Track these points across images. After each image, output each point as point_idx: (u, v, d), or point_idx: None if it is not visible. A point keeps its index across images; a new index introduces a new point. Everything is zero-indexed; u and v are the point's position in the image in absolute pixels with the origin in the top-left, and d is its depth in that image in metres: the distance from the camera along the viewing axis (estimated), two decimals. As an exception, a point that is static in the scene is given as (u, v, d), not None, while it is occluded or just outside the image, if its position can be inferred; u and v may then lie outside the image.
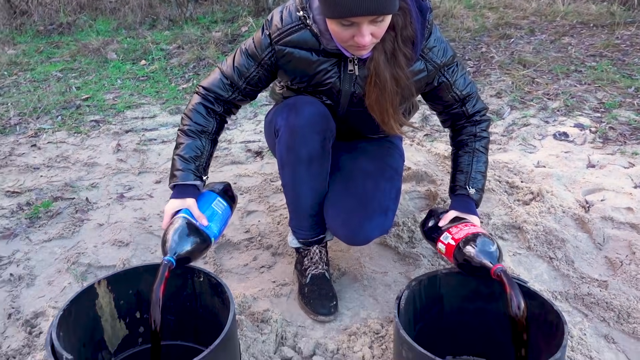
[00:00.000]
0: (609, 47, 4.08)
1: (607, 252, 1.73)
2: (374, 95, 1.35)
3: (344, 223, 1.46)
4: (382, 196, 1.49)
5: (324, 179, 1.51)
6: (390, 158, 1.63)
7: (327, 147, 1.47)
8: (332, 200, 1.52)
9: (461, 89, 1.47)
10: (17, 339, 1.43)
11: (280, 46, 1.39)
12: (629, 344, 1.40)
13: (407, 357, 1.10)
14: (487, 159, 1.54)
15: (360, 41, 1.23)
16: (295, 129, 1.42)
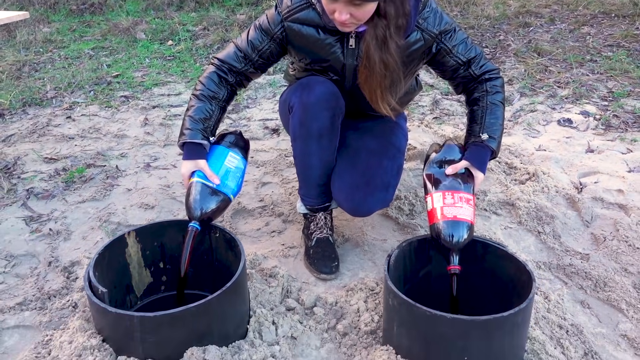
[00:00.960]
0: (628, 38, 4.10)
1: (594, 229, 1.85)
2: (364, 75, 1.47)
3: (348, 197, 1.61)
4: (384, 173, 1.63)
5: (332, 152, 1.66)
6: (394, 137, 1.77)
7: (336, 124, 1.61)
8: (338, 175, 1.66)
9: (463, 53, 1.54)
10: (57, 282, 1.64)
11: (290, 22, 1.52)
12: (602, 310, 1.54)
13: (393, 304, 1.26)
14: (503, 112, 1.55)
15: (337, 18, 1.35)
16: (307, 106, 1.56)
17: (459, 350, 1.18)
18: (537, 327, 1.42)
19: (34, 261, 1.77)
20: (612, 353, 1.39)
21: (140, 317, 1.20)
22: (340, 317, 1.50)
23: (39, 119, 2.87)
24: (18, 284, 1.65)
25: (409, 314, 1.22)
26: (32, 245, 1.84)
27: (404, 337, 1.27)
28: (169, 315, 1.20)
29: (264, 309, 1.46)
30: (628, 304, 1.54)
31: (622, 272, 1.65)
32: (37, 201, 2.11)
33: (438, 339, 1.20)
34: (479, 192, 2.03)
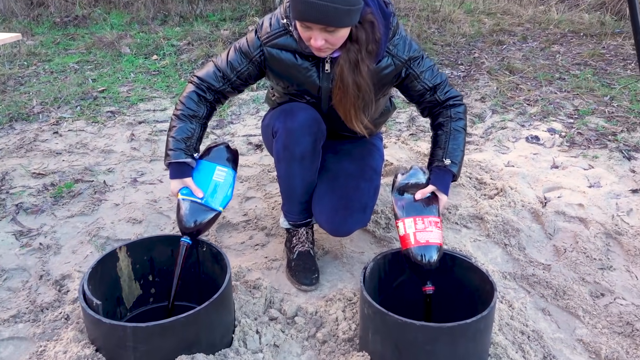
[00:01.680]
0: (595, 57, 4.32)
1: (556, 241, 1.99)
2: (338, 96, 1.58)
3: (328, 219, 1.72)
4: (362, 195, 1.74)
5: (314, 173, 1.76)
6: (371, 158, 1.88)
7: (317, 147, 1.72)
8: (318, 199, 1.77)
9: (430, 79, 1.66)
10: (48, 295, 1.71)
11: (269, 47, 1.62)
12: (561, 316, 1.67)
13: (368, 313, 1.37)
14: (464, 138, 1.66)
15: (313, 44, 1.46)
16: (290, 131, 1.66)
17: (428, 354, 1.29)
18: (501, 333, 1.54)
19: (25, 275, 1.84)
20: (569, 356, 1.52)
21: (132, 327, 1.28)
22: (319, 326, 1.60)
23: (26, 134, 2.93)
24: (10, 297, 1.72)
25: (383, 322, 1.33)
26: (23, 260, 1.91)
27: (378, 343, 1.38)
28: (159, 326, 1.29)
29: (248, 319, 1.55)
30: (584, 311, 1.67)
31: (580, 282, 1.79)
32: (27, 216, 2.18)
33: (408, 344, 1.31)
34: (450, 207, 2.16)
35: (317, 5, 1.36)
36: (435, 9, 5.92)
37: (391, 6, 1.57)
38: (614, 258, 1.91)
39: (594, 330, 1.60)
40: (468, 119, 3.12)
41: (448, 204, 2.17)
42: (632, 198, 2.25)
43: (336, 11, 1.37)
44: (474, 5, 6.31)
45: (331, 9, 1.36)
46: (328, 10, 1.36)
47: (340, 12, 1.38)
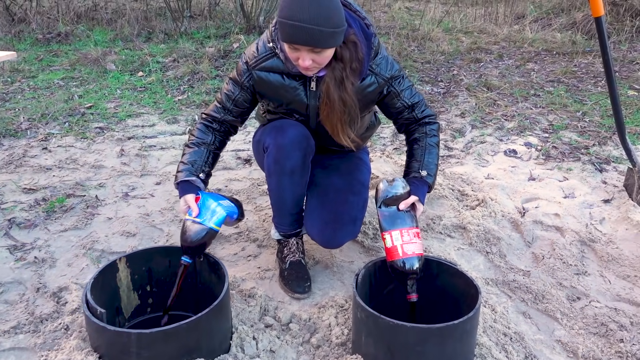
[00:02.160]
0: (567, 74, 4.51)
1: (534, 249, 2.10)
2: (325, 112, 1.67)
3: (319, 232, 1.80)
4: (351, 209, 1.82)
5: (303, 186, 1.84)
6: (358, 172, 1.96)
7: (307, 162, 1.80)
8: (309, 213, 1.85)
9: (409, 98, 1.77)
10: (47, 307, 1.74)
11: (257, 71, 1.71)
12: (541, 319, 1.77)
13: (361, 317, 1.45)
14: (438, 152, 1.77)
15: (301, 64, 1.55)
16: (281, 147, 1.73)
17: (418, 355, 1.37)
18: (485, 334, 1.62)
19: (21, 288, 1.86)
20: (549, 356, 1.61)
21: (137, 333, 1.33)
22: (313, 331, 1.67)
23: (15, 150, 2.95)
24: (8, 310, 1.74)
25: (375, 325, 1.40)
26: (19, 273, 1.93)
27: (370, 346, 1.45)
28: (163, 332, 1.35)
29: (245, 326, 1.61)
30: (562, 313, 1.77)
31: (557, 286, 1.90)
32: (20, 230, 2.21)
33: (400, 346, 1.39)
34: (435, 217, 2.26)
35: (305, 29, 1.45)
36: (415, 28, 6.11)
37: (372, 27, 1.68)
38: (588, 264, 2.03)
39: (572, 331, 1.70)
40: (449, 134, 3.25)
41: (432, 214, 2.27)
42: (604, 208, 2.38)
43: (322, 33, 1.46)
44: (452, 24, 6.53)
45: (317, 32, 1.45)
46: (314, 33, 1.45)
47: (325, 34, 1.47)
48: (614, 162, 2.83)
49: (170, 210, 2.38)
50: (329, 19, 1.45)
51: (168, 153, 2.96)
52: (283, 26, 1.48)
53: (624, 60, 4.82)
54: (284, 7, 1.47)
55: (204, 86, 4.12)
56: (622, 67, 4.64)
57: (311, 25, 1.44)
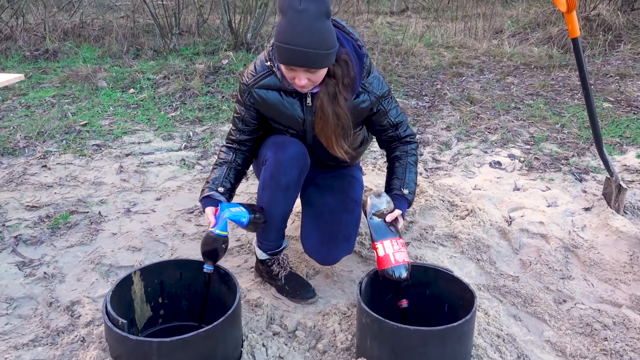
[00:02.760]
0: (545, 87, 4.71)
1: (522, 255, 2.23)
2: (320, 125, 1.77)
3: (316, 251, 1.92)
4: (345, 227, 1.93)
5: (292, 202, 1.92)
6: (352, 190, 2.06)
7: (301, 179, 1.89)
8: (305, 233, 1.96)
9: (394, 117, 1.89)
10: (62, 320, 1.81)
11: (256, 89, 1.81)
12: (530, 321, 1.89)
13: (366, 322, 1.55)
14: (417, 170, 1.91)
15: (297, 83, 1.66)
16: (280, 162, 1.82)
17: (421, 355, 1.48)
18: (480, 336, 1.74)
19: (33, 303, 1.93)
20: (539, 355, 1.73)
21: (158, 342, 1.42)
22: (319, 338, 1.77)
23: (14, 168, 3.00)
24: (23, 324, 1.81)
25: (380, 329, 1.51)
26: (29, 289, 1.99)
27: (375, 349, 1.55)
28: (182, 340, 1.43)
29: (254, 334, 1.70)
30: (550, 315, 1.90)
31: (544, 290, 2.02)
32: (26, 247, 2.26)
33: (403, 348, 1.49)
34: (427, 227, 2.38)
35: (302, 52, 1.56)
36: (398, 43, 6.29)
37: (364, 48, 1.80)
38: (572, 269, 2.16)
39: (559, 332, 1.83)
40: (436, 147, 3.39)
41: (425, 224, 2.40)
42: (585, 215, 2.53)
43: (317, 56, 1.58)
44: (433, 39, 6.73)
45: (313, 54, 1.57)
46: (310, 56, 1.57)
47: (320, 56, 1.59)
48: (593, 172, 3.00)
49: (172, 225, 2.46)
50: (322, 42, 1.57)
51: (166, 169, 3.03)
52: (281, 50, 1.59)
53: (599, 74, 5.04)
54: (281, 32, 1.57)
55: (196, 102, 4.21)
56: (597, 80, 4.86)
57: (307, 48, 1.55)
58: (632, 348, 1.74)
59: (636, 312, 1.92)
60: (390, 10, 9.56)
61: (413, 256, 2.18)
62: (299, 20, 1.53)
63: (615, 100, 4.30)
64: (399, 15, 9.25)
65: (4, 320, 1.82)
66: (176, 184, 2.85)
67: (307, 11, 1.52)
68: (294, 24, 1.53)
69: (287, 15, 1.55)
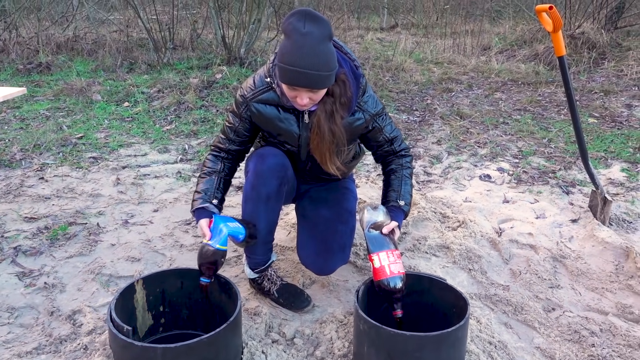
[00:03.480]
0: (532, 103, 4.84)
1: (512, 265, 2.30)
2: (316, 142, 1.83)
3: (312, 262, 1.97)
4: (340, 237, 1.98)
5: (276, 214, 1.96)
6: (345, 202, 2.11)
7: (282, 190, 1.92)
8: (301, 245, 2.01)
9: (389, 133, 1.96)
10: (64, 329, 1.84)
11: (254, 103, 1.86)
12: (521, 329, 1.95)
13: (363, 328, 1.60)
14: (412, 183, 1.96)
15: (300, 102, 1.71)
16: (259, 173, 1.87)
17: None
18: (473, 343, 1.80)
19: (34, 312, 1.95)
20: (530, 361, 1.79)
21: (162, 348, 1.45)
22: (316, 345, 1.81)
23: (12, 180, 3.03)
24: (25, 333, 1.83)
25: (377, 335, 1.56)
26: (30, 298, 2.02)
27: (372, 355, 1.60)
28: (186, 346, 1.47)
29: (254, 341, 1.75)
30: (540, 323, 1.96)
31: (534, 299, 2.09)
32: (26, 258, 2.29)
33: (400, 353, 1.54)
34: (420, 238, 2.44)
35: (306, 74, 1.62)
36: (388, 58, 6.42)
37: (360, 69, 1.87)
38: (560, 278, 2.24)
39: (549, 338, 1.89)
40: (427, 160, 3.47)
41: (418, 235, 2.46)
42: (572, 227, 2.62)
43: (320, 77, 1.64)
44: (423, 55, 6.88)
45: (316, 76, 1.63)
46: (314, 77, 1.63)
47: (323, 77, 1.65)
48: (579, 185, 3.09)
49: (170, 236, 2.50)
50: (325, 63, 1.63)
51: (163, 181, 3.08)
52: (284, 71, 1.64)
53: (583, 90, 5.19)
54: (286, 54, 1.63)
55: (191, 116, 4.26)
56: (582, 97, 5.00)
57: (311, 70, 1.61)
58: (619, 354, 1.81)
59: (622, 319, 1.99)
60: (380, 26, 9.73)
61: (407, 266, 2.24)
62: (303, 43, 1.58)
63: (600, 115, 4.43)
64: (389, 31, 9.43)
65: (6, 329, 1.84)
66: (173, 196, 2.90)
67: (311, 34, 1.58)
68: (299, 46, 1.59)
69: (291, 37, 1.60)
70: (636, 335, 1.88)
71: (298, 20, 1.60)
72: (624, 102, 4.79)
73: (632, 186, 3.07)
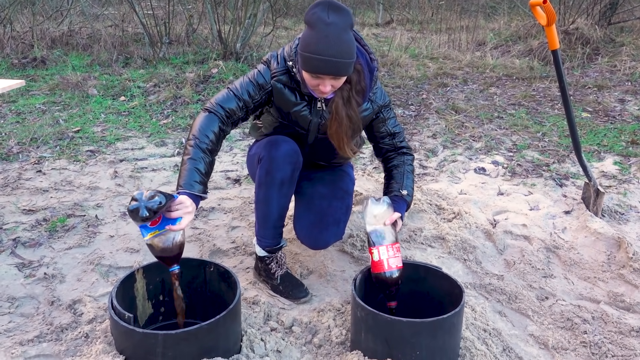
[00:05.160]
0: (527, 98, 4.88)
1: (506, 255, 2.34)
2: (334, 127, 1.87)
3: (307, 234, 2.01)
4: (335, 212, 2.03)
5: (289, 199, 2.01)
6: (341, 182, 2.16)
7: (295, 176, 1.98)
8: (297, 218, 2.05)
9: (392, 126, 2.01)
10: (64, 318, 1.86)
11: (275, 82, 1.89)
12: (515, 317, 1.99)
13: (361, 315, 1.63)
14: (414, 179, 2.01)
15: (322, 89, 1.76)
16: (274, 159, 1.91)
17: (413, 346, 1.56)
18: (468, 330, 1.83)
19: (35, 302, 1.97)
20: (523, 348, 1.83)
21: (163, 335, 1.48)
22: (314, 333, 1.84)
23: (9, 173, 3.03)
24: (26, 322, 1.85)
25: (374, 322, 1.59)
26: (30, 289, 2.04)
27: (370, 341, 1.63)
28: (186, 333, 1.50)
29: (253, 329, 1.77)
30: (533, 311, 2.00)
31: (528, 288, 2.13)
32: (25, 249, 2.30)
33: (397, 339, 1.57)
34: (416, 230, 2.48)
35: (331, 62, 1.67)
36: (384, 54, 6.44)
37: (375, 62, 1.91)
38: (553, 268, 2.27)
39: (542, 326, 1.93)
40: (423, 154, 3.51)
41: (414, 227, 2.49)
42: (565, 218, 2.66)
43: (344, 64, 1.70)
44: (418, 50, 6.90)
45: (341, 64, 1.69)
46: (339, 65, 1.69)
47: (347, 64, 1.71)
48: (572, 178, 3.13)
49: (168, 227, 2.51)
50: (348, 51, 1.69)
51: (160, 174, 3.09)
52: (309, 59, 1.69)
53: (577, 85, 5.23)
54: (311, 44, 1.67)
55: (188, 110, 4.27)
56: (576, 92, 5.04)
57: (337, 58, 1.67)
58: (610, 340, 1.85)
59: (614, 307, 2.03)
60: (376, 22, 9.75)
61: (403, 256, 2.27)
62: (328, 32, 1.65)
63: (593, 110, 4.47)
64: (384, 27, 9.44)
65: (7, 318, 1.86)
66: (170, 189, 2.91)
67: (335, 24, 1.65)
68: (324, 35, 1.65)
69: (316, 27, 1.66)
70: (627, 323, 1.92)
71: (322, 10, 1.66)
72: (617, 97, 4.83)
73: (625, 178, 3.12)
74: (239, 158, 3.39)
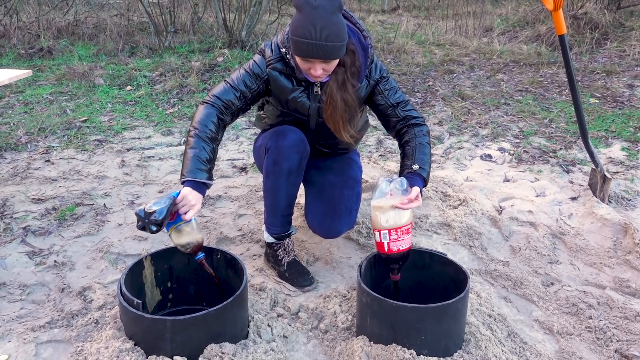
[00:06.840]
0: (534, 84, 4.84)
1: (511, 242, 2.34)
2: (329, 111, 1.87)
3: (320, 223, 2.01)
4: (346, 200, 2.03)
5: (297, 188, 2.03)
6: (350, 170, 2.17)
7: (302, 165, 1.99)
8: (308, 208, 2.06)
9: (393, 97, 1.92)
10: (75, 305, 1.89)
11: (270, 69, 1.89)
12: (520, 303, 2.00)
13: (366, 301, 1.65)
14: (430, 151, 1.86)
15: (314, 74, 1.76)
16: (281, 148, 1.93)
17: (418, 331, 1.58)
18: (473, 316, 1.84)
19: (45, 289, 2.00)
20: (528, 333, 1.84)
21: (172, 320, 1.51)
22: (321, 319, 1.86)
23: (18, 162, 3.06)
24: (38, 309, 1.88)
25: (380, 307, 1.61)
26: (41, 276, 2.07)
27: (375, 326, 1.65)
28: (194, 318, 1.52)
29: (259, 315, 1.79)
30: (538, 297, 2.01)
31: (533, 274, 2.13)
32: (35, 238, 2.34)
33: (402, 324, 1.59)
34: (421, 216, 2.48)
35: (320, 45, 1.67)
36: (390, 41, 6.40)
37: (369, 39, 1.89)
38: (559, 254, 2.28)
39: (547, 311, 1.94)
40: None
41: (420, 214, 2.50)
42: (571, 204, 2.65)
43: (333, 48, 1.69)
44: (424, 37, 6.85)
45: (330, 47, 1.68)
46: (328, 48, 1.68)
47: (336, 47, 1.70)
48: (579, 164, 3.12)
49: (175, 216, 2.54)
50: (337, 35, 1.68)
51: (167, 163, 3.11)
52: (298, 44, 1.69)
53: (585, 70, 5.18)
54: (299, 27, 1.67)
55: (194, 99, 4.28)
56: (584, 77, 4.99)
57: (325, 42, 1.67)
58: (615, 325, 1.86)
59: (619, 293, 2.03)
60: (382, 9, 9.67)
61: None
62: (315, 16, 1.64)
63: (601, 96, 4.43)
64: (391, 13, 9.37)
65: (18, 305, 1.90)
66: (177, 178, 2.93)
67: (322, 7, 1.64)
68: (311, 19, 1.64)
69: (303, 11, 1.66)
70: (632, 308, 1.92)
71: None
72: (626, 83, 4.78)
73: (632, 164, 3.10)
74: (245, 146, 3.40)
